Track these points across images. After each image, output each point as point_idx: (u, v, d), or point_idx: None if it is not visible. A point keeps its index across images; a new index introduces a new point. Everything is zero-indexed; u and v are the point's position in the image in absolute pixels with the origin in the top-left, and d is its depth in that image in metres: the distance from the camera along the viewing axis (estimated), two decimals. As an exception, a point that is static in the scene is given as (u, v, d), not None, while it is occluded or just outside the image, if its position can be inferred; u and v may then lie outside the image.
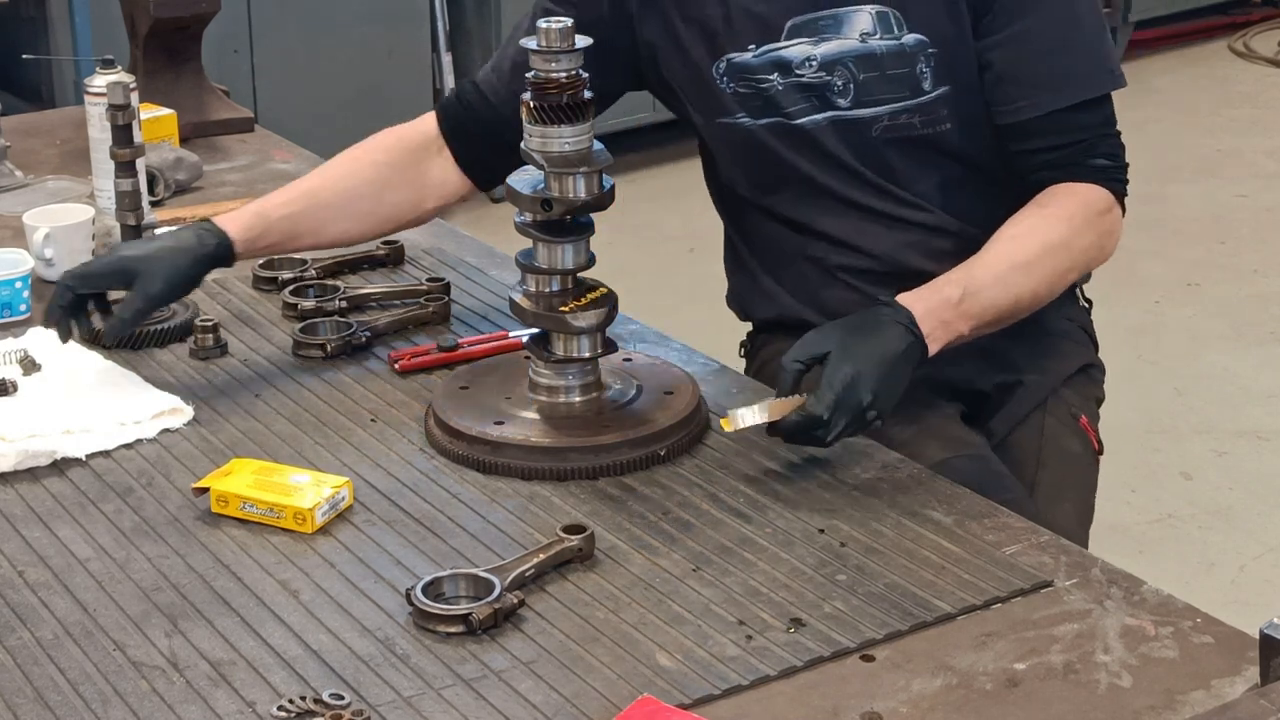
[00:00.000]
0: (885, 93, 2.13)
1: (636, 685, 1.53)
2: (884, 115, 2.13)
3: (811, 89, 2.14)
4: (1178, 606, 1.64)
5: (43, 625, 1.64)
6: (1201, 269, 5.08)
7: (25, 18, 4.74)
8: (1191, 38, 7.12)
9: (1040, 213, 2.08)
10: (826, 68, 2.12)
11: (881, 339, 1.92)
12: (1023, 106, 2.11)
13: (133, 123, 2.22)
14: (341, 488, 1.83)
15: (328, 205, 2.23)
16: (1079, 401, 2.27)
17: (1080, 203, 2.10)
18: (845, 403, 1.85)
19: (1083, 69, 2.12)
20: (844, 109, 2.14)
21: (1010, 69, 2.10)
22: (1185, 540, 3.74)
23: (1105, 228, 2.13)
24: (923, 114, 2.13)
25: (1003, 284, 2.03)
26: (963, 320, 1.99)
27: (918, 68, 2.11)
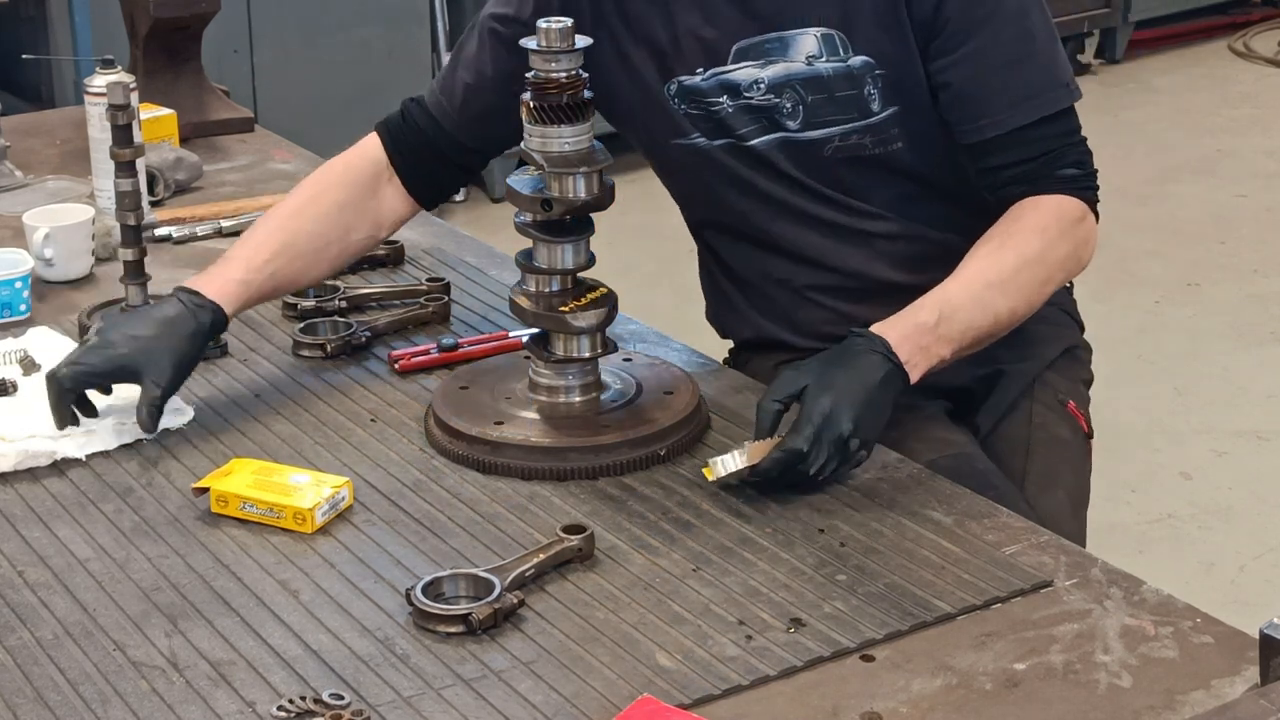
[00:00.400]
0: (834, 114, 2.11)
1: (636, 685, 1.53)
2: (835, 136, 2.12)
3: (761, 111, 2.12)
4: (1178, 606, 1.64)
5: (43, 625, 1.64)
6: (1201, 269, 5.08)
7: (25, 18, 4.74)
8: (1191, 38, 7.12)
9: (1012, 228, 2.05)
10: (775, 90, 2.11)
11: (858, 369, 1.89)
12: (984, 125, 2.07)
13: (133, 123, 2.22)
14: (341, 488, 1.83)
15: (303, 255, 2.18)
16: (1065, 386, 2.26)
17: (1052, 215, 2.07)
18: (826, 434, 1.83)
19: (1040, 84, 2.08)
20: (794, 131, 2.12)
21: (968, 88, 2.07)
22: (1185, 540, 3.74)
23: (1080, 237, 2.10)
24: (873, 134, 2.12)
25: (979, 304, 2.00)
26: (942, 344, 1.96)
27: (865, 89, 2.09)
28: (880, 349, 1.91)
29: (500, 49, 2.17)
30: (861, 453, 1.87)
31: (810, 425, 1.83)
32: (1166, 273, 5.05)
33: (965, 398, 2.24)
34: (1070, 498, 2.19)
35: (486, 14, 2.22)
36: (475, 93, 2.21)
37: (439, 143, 2.23)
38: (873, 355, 1.91)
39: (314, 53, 5.10)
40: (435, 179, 2.26)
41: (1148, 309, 4.83)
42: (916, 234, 2.17)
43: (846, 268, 2.17)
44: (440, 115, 2.23)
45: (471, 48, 2.22)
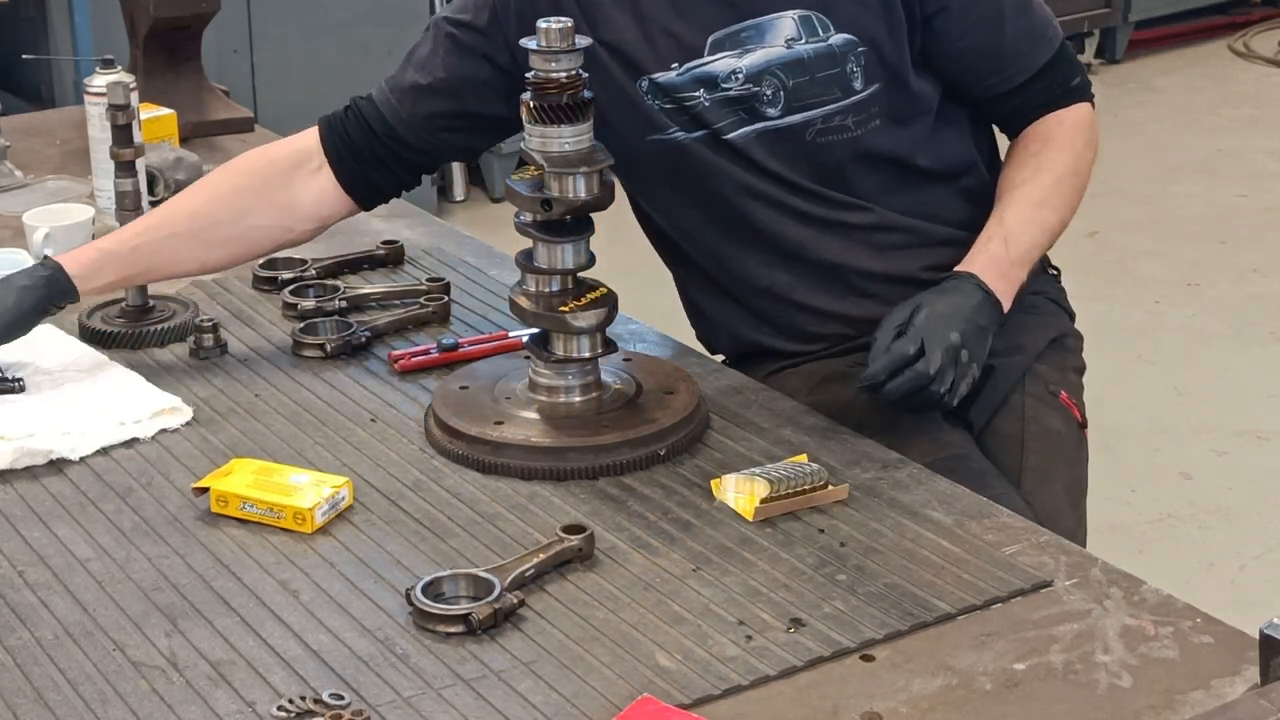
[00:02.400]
0: (816, 95, 2.12)
1: (636, 685, 1.53)
2: (817, 119, 2.13)
3: (739, 102, 2.12)
4: (1178, 606, 1.64)
5: (43, 625, 1.64)
6: (1201, 269, 5.08)
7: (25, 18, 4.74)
8: (1191, 38, 7.12)
9: (1042, 149, 2.20)
10: (754, 79, 2.11)
11: (957, 294, 2.02)
12: (1013, 73, 2.19)
13: (132, 123, 2.22)
14: (341, 488, 1.83)
15: (182, 234, 2.17)
16: (1056, 376, 2.26)
17: (1073, 127, 2.22)
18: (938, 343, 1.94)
19: (1042, 20, 2.22)
20: (774, 118, 2.13)
21: (989, 47, 2.17)
22: (1185, 540, 3.74)
23: (1094, 137, 2.26)
24: (855, 113, 2.14)
25: (1035, 224, 2.13)
26: (1017, 268, 2.10)
27: (848, 67, 2.12)
28: (973, 281, 2.04)
29: (454, 53, 2.17)
30: (972, 366, 1.98)
31: (918, 333, 1.95)
32: (1166, 273, 5.05)
33: None
34: (1068, 491, 2.19)
35: (441, 16, 2.21)
36: (424, 94, 2.19)
37: (383, 141, 2.21)
38: (967, 284, 2.03)
39: (314, 53, 5.10)
40: (372, 177, 2.23)
41: (1148, 309, 4.82)
42: (892, 223, 2.19)
43: (825, 260, 2.18)
44: (389, 113, 2.21)
45: (425, 50, 2.21)
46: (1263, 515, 3.81)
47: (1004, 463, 2.16)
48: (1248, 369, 4.48)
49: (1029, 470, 2.17)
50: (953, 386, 1.96)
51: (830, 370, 2.22)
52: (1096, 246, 5.14)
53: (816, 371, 2.23)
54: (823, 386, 2.20)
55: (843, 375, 2.21)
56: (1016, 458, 2.17)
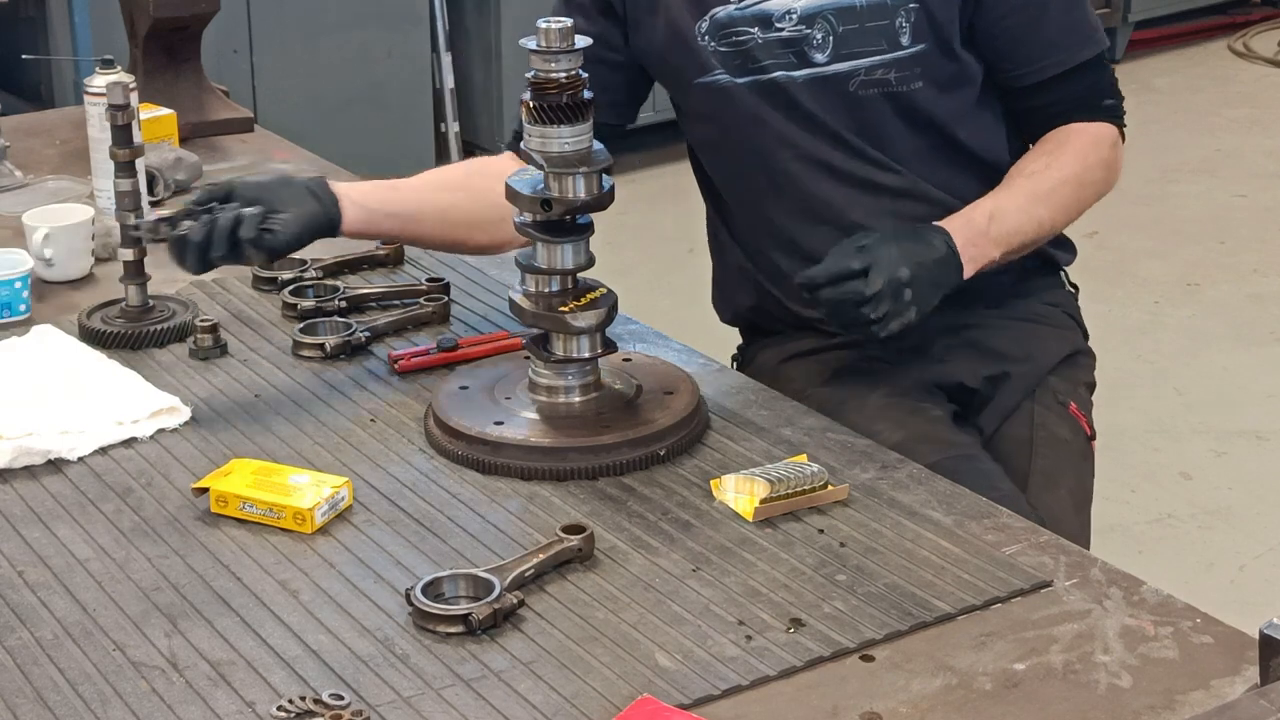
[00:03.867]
0: (863, 45, 2.16)
1: (636, 685, 1.53)
2: (861, 69, 2.17)
3: (790, 44, 2.17)
4: (1177, 606, 1.64)
5: (42, 625, 1.64)
6: (1201, 269, 5.08)
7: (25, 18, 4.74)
8: (1191, 38, 7.12)
9: (1055, 150, 2.20)
10: (806, 20, 2.16)
11: (922, 240, 2.04)
12: (1046, 66, 2.20)
13: (132, 123, 2.22)
14: (341, 488, 1.83)
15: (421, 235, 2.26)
16: (1066, 389, 2.28)
17: (1091, 140, 2.22)
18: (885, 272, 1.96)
19: (1088, 23, 2.23)
20: (821, 64, 2.17)
21: (1028, 33, 2.19)
22: (1185, 540, 3.74)
23: (1112, 160, 2.26)
24: (898, 69, 2.17)
25: (1025, 214, 2.14)
26: (991, 245, 2.11)
27: (897, 21, 2.15)
28: (944, 236, 2.06)
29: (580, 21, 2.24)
30: (912, 309, 2.00)
31: (869, 256, 1.98)
32: (1166, 273, 5.05)
33: (971, 400, 2.25)
34: (1072, 497, 2.20)
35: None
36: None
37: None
38: (937, 238, 2.06)
39: (314, 53, 5.10)
40: None
41: (1148, 309, 4.82)
42: (922, 193, 2.22)
43: (850, 221, 2.20)
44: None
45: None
46: (1263, 515, 3.81)
47: (1012, 466, 2.18)
48: (1247, 369, 4.48)
49: (1036, 474, 2.18)
50: (885, 318, 1.98)
51: (843, 362, 2.24)
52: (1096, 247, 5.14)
53: (830, 362, 2.25)
54: (836, 378, 2.22)
55: (856, 369, 2.23)
56: (1025, 461, 2.19)
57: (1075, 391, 2.29)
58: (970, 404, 2.25)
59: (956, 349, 2.26)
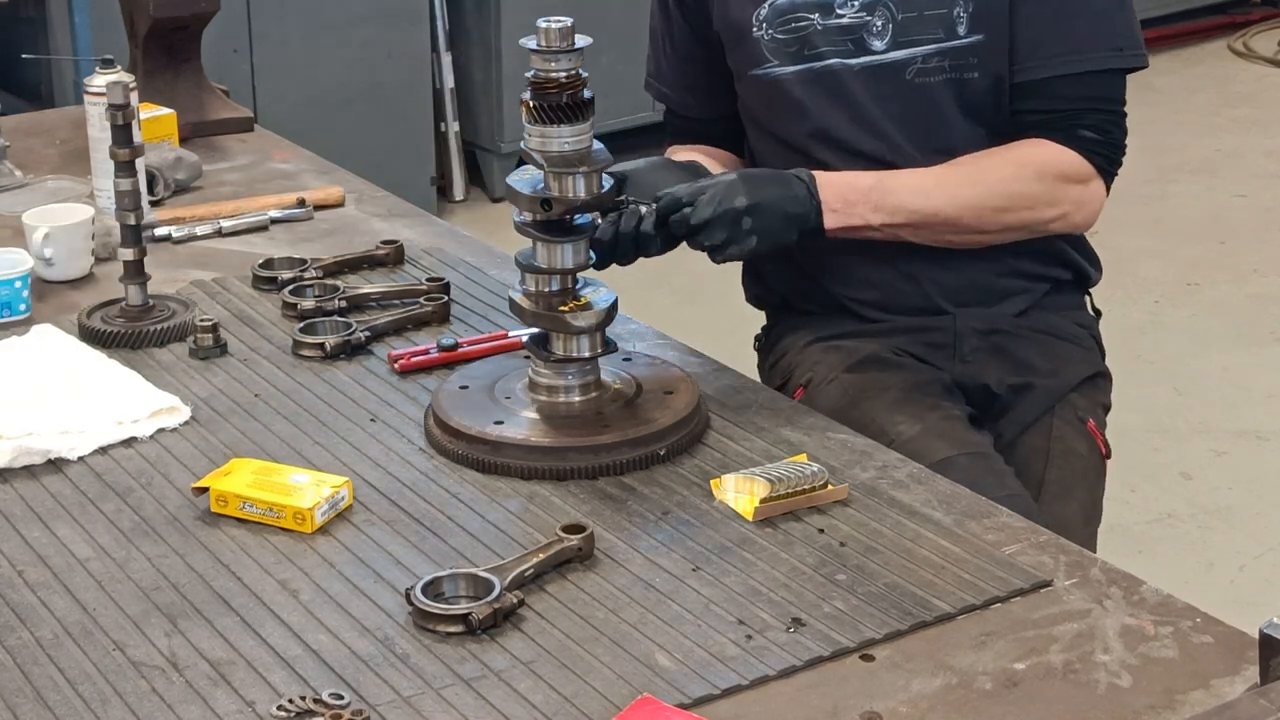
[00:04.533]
0: (921, 33, 2.16)
1: (636, 685, 1.53)
2: (918, 57, 2.17)
3: (849, 31, 2.17)
4: (1177, 606, 1.64)
5: (42, 625, 1.64)
6: (1201, 269, 5.08)
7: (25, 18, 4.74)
8: (1191, 38, 7.12)
9: (995, 152, 2.16)
10: (867, 7, 2.17)
11: (776, 178, 2.05)
12: (1030, 68, 2.17)
13: (132, 122, 2.22)
14: (341, 487, 1.83)
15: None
16: (1086, 406, 2.29)
17: (1040, 158, 2.16)
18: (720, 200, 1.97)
19: (1090, 41, 2.17)
20: (879, 52, 2.17)
21: (1031, 27, 2.15)
22: (1185, 540, 3.74)
23: (1071, 195, 2.17)
24: (954, 57, 2.17)
25: (921, 192, 2.12)
26: (869, 209, 2.09)
27: (955, 11, 2.15)
28: (805, 179, 2.07)
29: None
30: (752, 238, 1.99)
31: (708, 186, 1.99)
32: (1166, 273, 5.05)
33: (990, 404, 2.26)
34: (1083, 511, 2.21)
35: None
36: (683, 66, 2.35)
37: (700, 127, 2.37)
38: (797, 182, 2.06)
39: (314, 53, 5.10)
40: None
41: (1147, 309, 4.82)
42: None
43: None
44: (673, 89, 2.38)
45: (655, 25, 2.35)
46: (1263, 515, 3.81)
47: (1027, 475, 2.19)
48: (1247, 369, 4.48)
49: (1050, 483, 2.19)
50: (722, 244, 1.99)
51: (870, 350, 2.25)
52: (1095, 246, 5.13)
53: (857, 350, 2.25)
54: (860, 365, 2.23)
55: (881, 359, 2.23)
56: (1040, 470, 2.20)
57: (1094, 411, 2.31)
58: (990, 409, 2.26)
59: (985, 352, 2.26)
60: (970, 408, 2.24)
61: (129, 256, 2.23)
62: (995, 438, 2.24)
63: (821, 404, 2.18)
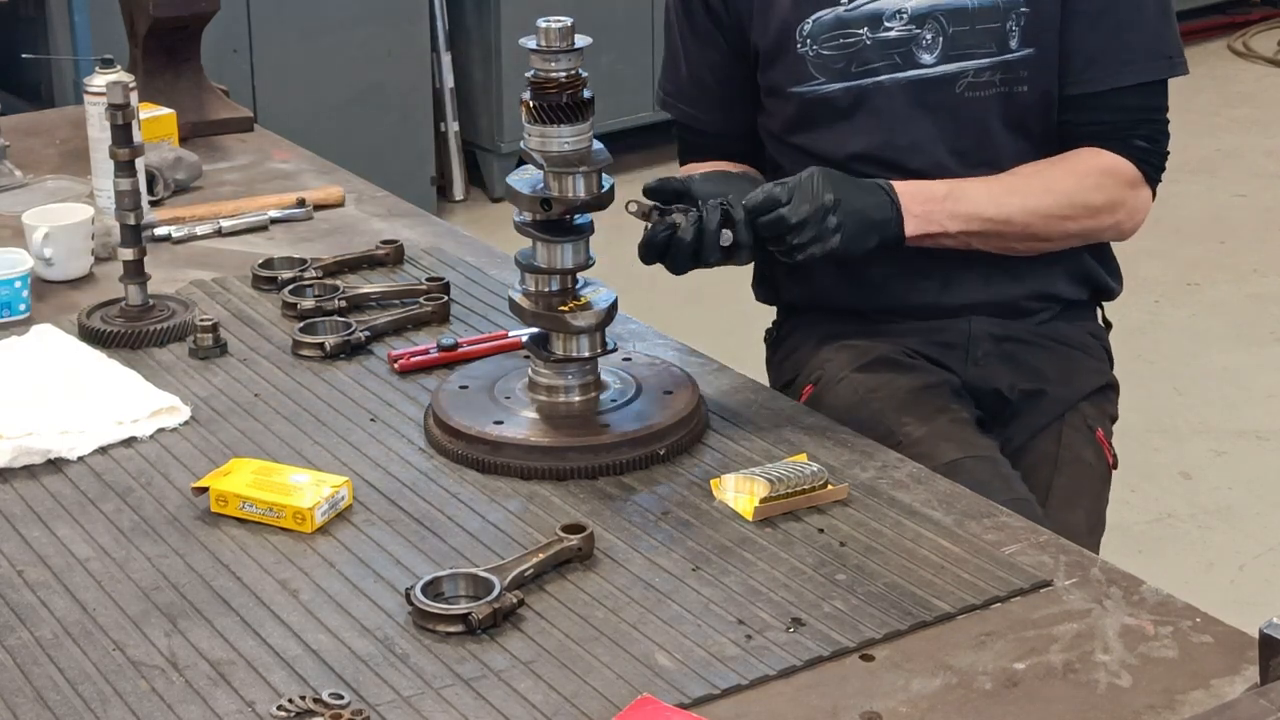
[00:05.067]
0: (973, 46, 2.15)
1: (636, 685, 1.53)
2: (969, 70, 2.16)
3: (898, 44, 2.16)
4: (1177, 606, 1.64)
5: (42, 625, 1.64)
6: (1201, 269, 5.08)
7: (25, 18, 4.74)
8: (1191, 38, 7.12)
9: (1058, 162, 2.17)
10: (917, 20, 2.15)
11: (860, 184, 2.03)
12: (1086, 80, 2.16)
13: (132, 122, 2.22)
14: (341, 487, 1.83)
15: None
16: (1095, 415, 2.30)
17: (1100, 167, 2.17)
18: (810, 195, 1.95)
19: (1142, 52, 2.17)
20: (929, 65, 2.16)
21: (1084, 40, 2.15)
22: (1185, 540, 3.74)
23: (1126, 201, 2.19)
24: (1005, 71, 2.16)
25: (993, 199, 2.11)
26: (945, 216, 2.08)
27: (1007, 25, 2.14)
28: (884, 187, 2.06)
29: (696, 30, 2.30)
30: (836, 237, 1.97)
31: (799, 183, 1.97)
32: (1166, 273, 5.04)
33: (1000, 409, 2.25)
34: (1088, 519, 2.21)
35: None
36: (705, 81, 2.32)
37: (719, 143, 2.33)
38: (876, 186, 2.04)
39: (314, 53, 5.10)
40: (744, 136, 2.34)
41: (1147, 309, 4.82)
42: None
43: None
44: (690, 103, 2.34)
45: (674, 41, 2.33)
46: (1263, 515, 3.81)
47: (1034, 480, 2.19)
48: (1247, 369, 4.48)
49: (1057, 490, 2.20)
50: (809, 242, 1.96)
51: (881, 351, 2.24)
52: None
53: (868, 350, 2.24)
54: (871, 366, 2.22)
55: (891, 360, 2.22)
56: (1048, 476, 2.20)
57: (1103, 421, 2.31)
58: (1000, 414, 2.26)
59: (997, 358, 2.26)
60: (979, 411, 2.24)
61: (129, 256, 2.23)
62: (1004, 442, 2.23)
63: (830, 402, 2.18)
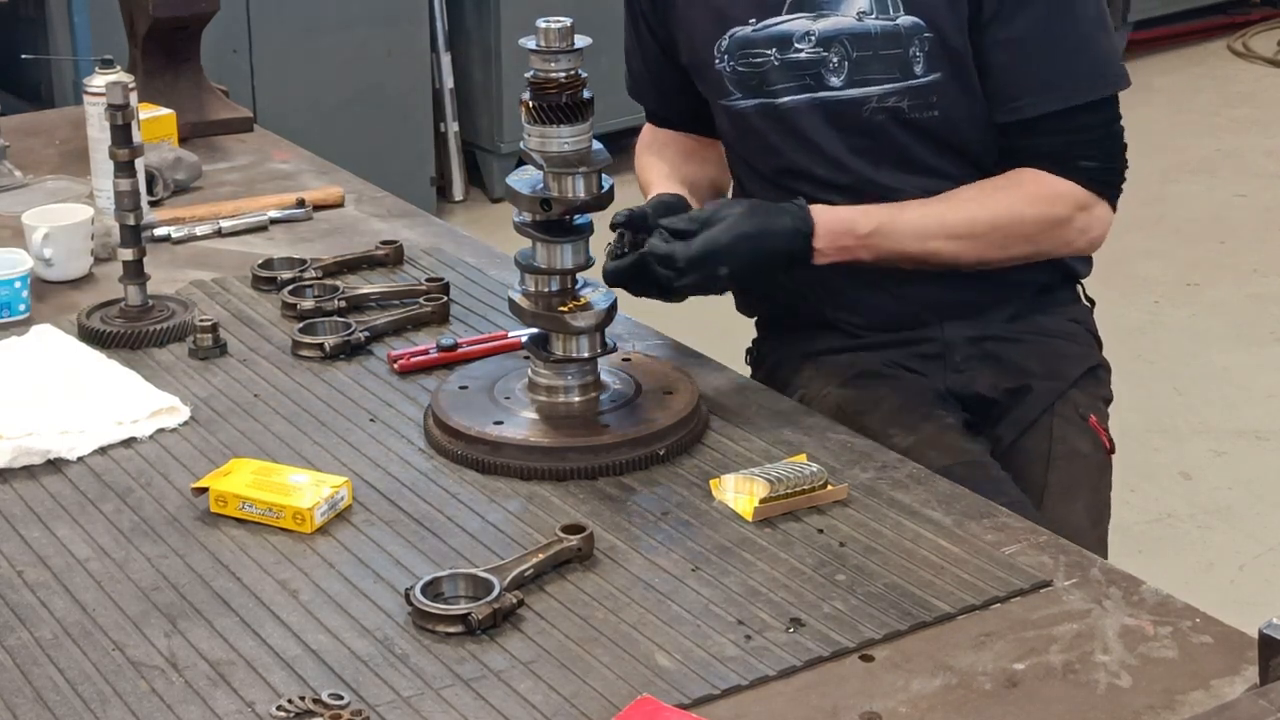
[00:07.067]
0: (877, 73, 2.14)
1: (636, 685, 1.53)
2: (874, 96, 2.15)
3: (806, 66, 2.15)
4: (1177, 606, 1.64)
5: (42, 625, 1.64)
6: (1201, 269, 5.08)
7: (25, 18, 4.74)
8: (1191, 38, 7.12)
9: (1002, 188, 2.13)
10: (823, 44, 2.14)
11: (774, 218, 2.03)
12: (1022, 106, 2.11)
13: (132, 123, 2.22)
14: (340, 488, 1.83)
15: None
16: (1086, 402, 2.27)
17: (1040, 193, 2.12)
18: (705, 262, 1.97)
19: (1083, 70, 2.12)
20: (836, 88, 2.15)
21: (1009, 68, 2.11)
22: (1184, 540, 3.74)
23: (1074, 220, 2.15)
24: (912, 97, 2.14)
25: (921, 239, 2.10)
26: (864, 251, 2.09)
27: (910, 50, 2.12)
28: (801, 224, 2.04)
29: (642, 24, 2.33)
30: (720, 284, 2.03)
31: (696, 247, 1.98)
32: (1166, 273, 5.05)
33: (987, 410, 2.25)
34: (1089, 511, 2.20)
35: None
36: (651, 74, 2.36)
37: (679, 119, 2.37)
38: (793, 218, 2.04)
39: (313, 53, 5.10)
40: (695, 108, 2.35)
41: (1147, 309, 4.83)
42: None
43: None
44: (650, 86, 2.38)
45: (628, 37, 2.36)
46: (1262, 515, 3.81)
47: (1028, 479, 2.18)
48: (1247, 369, 4.48)
49: (1052, 487, 2.18)
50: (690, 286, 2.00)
51: (862, 365, 2.24)
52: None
53: (849, 364, 2.24)
54: (853, 380, 2.22)
55: (873, 373, 2.23)
56: (1041, 475, 2.19)
57: (1095, 405, 2.29)
58: (988, 415, 2.25)
59: (976, 360, 2.25)
60: (967, 415, 2.23)
61: (128, 257, 2.23)
62: (994, 443, 2.23)
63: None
